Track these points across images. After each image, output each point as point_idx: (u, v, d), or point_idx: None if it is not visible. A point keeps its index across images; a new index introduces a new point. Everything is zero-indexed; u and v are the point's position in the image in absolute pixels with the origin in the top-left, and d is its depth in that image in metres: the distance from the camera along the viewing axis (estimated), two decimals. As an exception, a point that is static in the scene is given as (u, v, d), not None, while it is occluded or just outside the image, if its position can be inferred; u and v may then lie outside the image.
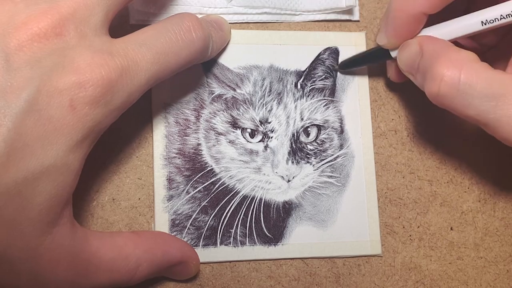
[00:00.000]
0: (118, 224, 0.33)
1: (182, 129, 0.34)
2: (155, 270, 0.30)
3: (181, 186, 0.34)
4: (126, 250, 0.29)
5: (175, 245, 0.31)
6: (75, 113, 0.24)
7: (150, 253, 0.30)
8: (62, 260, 0.26)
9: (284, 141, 0.35)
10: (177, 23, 0.29)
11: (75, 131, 0.24)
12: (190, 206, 0.34)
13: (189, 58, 0.30)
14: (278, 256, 0.34)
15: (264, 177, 0.34)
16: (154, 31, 0.28)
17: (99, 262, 0.28)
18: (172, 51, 0.28)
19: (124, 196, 0.34)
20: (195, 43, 0.29)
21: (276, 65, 0.36)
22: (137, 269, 0.29)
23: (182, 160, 0.34)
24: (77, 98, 0.24)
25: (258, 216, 0.34)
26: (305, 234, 0.34)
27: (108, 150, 0.34)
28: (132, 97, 0.27)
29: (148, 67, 0.27)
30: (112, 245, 0.28)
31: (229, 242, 0.34)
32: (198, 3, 0.35)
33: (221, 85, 0.35)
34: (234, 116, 0.35)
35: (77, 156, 0.25)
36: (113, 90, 0.25)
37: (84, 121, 0.25)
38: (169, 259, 0.31)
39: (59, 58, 0.24)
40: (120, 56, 0.26)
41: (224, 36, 0.34)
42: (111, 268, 0.28)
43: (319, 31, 0.37)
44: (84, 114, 0.25)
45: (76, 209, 0.33)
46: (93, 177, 0.33)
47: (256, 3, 0.35)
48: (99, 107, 0.25)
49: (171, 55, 0.28)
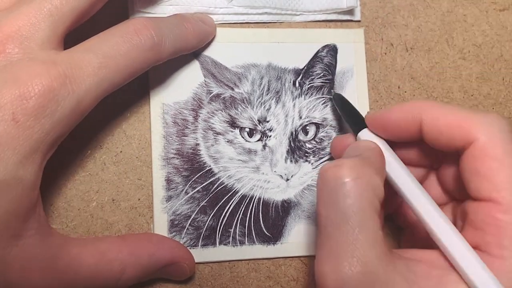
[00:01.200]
0: (118, 225, 0.33)
1: (180, 129, 0.34)
2: (144, 273, 0.30)
3: (180, 186, 0.34)
4: (109, 255, 0.29)
5: (164, 246, 0.31)
6: (19, 126, 0.24)
7: (135, 256, 0.30)
8: (34, 268, 0.26)
9: (283, 139, 0.35)
10: (121, 28, 0.29)
11: (22, 145, 0.24)
12: (189, 206, 0.34)
13: (140, 59, 0.29)
14: (278, 255, 0.34)
15: (263, 176, 0.34)
16: (100, 38, 0.28)
17: (79, 268, 0.28)
18: (120, 53, 0.28)
19: (124, 197, 0.34)
20: (143, 44, 0.29)
21: (274, 63, 0.35)
22: (122, 273, 0.29)
23: (180, 160, 0.34)
24: (19, 111, 0.24)
25: (257, 215, 0.34)
26: (304, 232, 0.35)
27: (107, 150, 0.34)
28: (83, 103, 0.27)
29: (95, 71, 0.27)
30: (93, 251, 0.28)
31: (228, 241, 0.34)
32: (198, 3, 0.35)
33: (219, 85, 0.35)
34: (232, 116, 0.34)
35: (30, 169, 0.25)
36: (56, 98, 0.25)
37: (30, 133, 0.24)
38: (157, 261, 0.31)
39: (2, 75, 0.25)
40: (63, 63, 0.26)
41: (207, 29, 0.34)
42: (93, 273, 0.28)
43: (318, 29, 0.36)
44: (29, 126, 0.24)
45: (75, 210, 0.33)
46: (93, 177, 0.33)
47: (257, 3, 0.35)
48: (45, 118, 0.25)
49: (119, 57, 0.28)
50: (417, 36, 0.38)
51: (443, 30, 0.38)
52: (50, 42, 0.27)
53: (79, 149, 0.33)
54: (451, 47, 0.38)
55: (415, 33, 0.38)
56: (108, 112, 0.28)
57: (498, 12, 0.39)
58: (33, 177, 0.25)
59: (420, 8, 0.38)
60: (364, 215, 0.24)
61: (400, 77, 0.37)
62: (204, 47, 0.35)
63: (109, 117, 0.34)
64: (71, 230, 0.33)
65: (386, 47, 0.38)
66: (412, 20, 0.38)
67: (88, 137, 0.33)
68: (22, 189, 0.25)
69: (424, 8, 0.38)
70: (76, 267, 0.28)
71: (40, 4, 0.26)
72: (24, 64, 0.25)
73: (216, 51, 0.35)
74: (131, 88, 0.30)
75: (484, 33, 0.38)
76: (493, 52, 0.38)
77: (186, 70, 0.34)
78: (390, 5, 0.38)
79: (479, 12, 0.39)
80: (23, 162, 0.24)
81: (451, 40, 0.38)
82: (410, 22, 0.38)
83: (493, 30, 0.38)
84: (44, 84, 0.25)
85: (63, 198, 0.33)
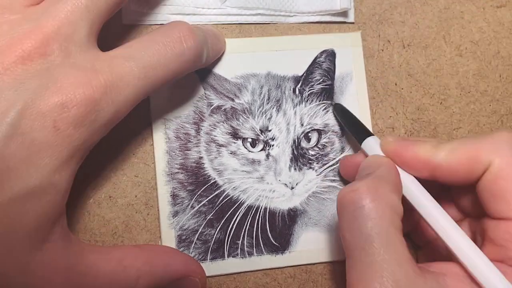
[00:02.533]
0: (115, 221, 0.34)
1: (183, 143, 0.34)
2: (157, 283, 0.30)
3: (186, 201, 0.34)
4: (125, 262, 0.29)
5: (178, 258, 0.31)
6: (59, 134, 0.24)
7: (150, 265, 0.30)
8: (55, 274, 0.26)
9: (286, 148, 0.35)
10: (166, 34, 0.28)
11: (60, 152, 0.25)
12: (195, 220, 0.34)
13: (179, 70, 0.29)
14: (286, 264, 0.34)
15: (268, 186, 0.34)
16: (142, 44, 0.28)
17: (97, 275, 0.28)
18: (160, 63, 0.28)
19: (121, 194, 0.34)
20: (185, 54, 0.29)
21: (274, 71, 0.35)
22: (137, 281, 0.29)
23: (185, 175, 0.34)
24: (60, 119, 0.24)
25: (264, 225, 0.34)
26: (311, 240, 0.35)
27: (105, 147, 0.33)
28: (119, 113, 0.27)
29: (135, 82, 0.27)
30: (110, 258, 0.29)
31: (237, 253, 0.34)
32: (191, 4, 0.34)
33: (219, 96, 0.34)
34: (234, 127, 0.34)
35: (64, 175, 0.25)
36: (97, 108, 0.25)
37: (68, 141, 0.25)
38: (172, 272, 0.31)
39: (43, 79, 0.24)
40: (104, 72, 0.26)
41: (220, 46, 0.34)
42: (110, 280, 0.28)
43: (315, 34, 0.36)
44: (68, 134, 0.25)
45: (72, 207, 0.33)
46: (90, 174, 0.33)
47: (250, 4, 0.35)
48: (84, 127, 0.25)
49: (159, 68, 0.28)
50: (414, 33, 0.38)
51: (440, 27, 0.38)
52: (88, 42, 0.26)
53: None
54: (448, 44, 0.38)
55: (412, 30, 0.38)
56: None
57: (495, 8, 0.39)
58: (66, 183, 0.26)
59: (417, 5, 0.38)
60: (388, 235, 0.25)
61: (397, 74, 0.37)
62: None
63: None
64: (68, 227, 0.33)
65: (383, 44, 0.37)
66: (409, 17, 0.38)
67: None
68: (56, 194, 0.25)
69: (421, 5, 0.38)
70: (94, 274, 0.28)
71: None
72: (65, 70, 0.25)
73: (215, 62, 0.34)
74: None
75: (481, 30, 0.38)
76: (490, 49, 0.38)
77: (186, 83, 0.34)
78: (387, 2, 0.38)
79: (476, 9, 0.38)
80: (59, 169, 0.25)
81: (448, 37, 0.38)
82: (407, 19, 0.38)
83: (490, 27, 0.38)
84: (86, 94, 0.25)
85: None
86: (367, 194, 0.25)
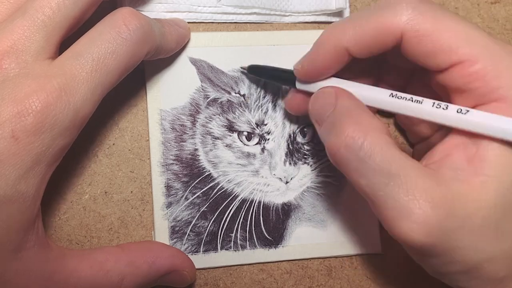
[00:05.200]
0: (110, 217, 0.33)
1: (178, 135, 0.34)
2: (143, 282, 0.30)
3: (180, 192, 0.33)
4: (107, 266, 0.29)
5: (163, 254, 0.31)
6: (19, 143, 0.25)
7: (133, 266, 0.30)
8: (33, 283, 0.26)
9: (281, 142, 0.35)
10: (109, 21, 0.28)
11: (22, 160, 0.25)
12: (189, 212, 0.34)
13: (130, 54, 0.28)
14: (279, 258, 0.34)
15: (262, 180, 0.34)
16: (88, 37, 0.28)
17: (78, 281, 0.28)
18: (109, 51, 0.27)
19: (117, 189, 0.34)
20: (132, 37, 0.28)
21: (271, 66, 0.35)
22: (121, 283, 0.29)
23: (179, 166, 0.34)
24: (18, 128, 0.25)
25: (257, 219, 0.34)
26: (305, 235, 0.35)
27: (100, 143, 0.34)
28: (81, 113, 0.27)
29: (87, 77, 0.27)
30: (91, 262, 0.29)
31: (230, 246, 0.34)
32: (187, 2, 0.34)
33: (216, 89, 0.34)
34: (230, 120, 0.34)
35: (31, 182, 0.25)
36: (54, 113, 0.25)
37: (30, 149, 0.25)
38: (157, 269, 0.31)
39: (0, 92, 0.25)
40: (57, 76, 0.26)
41: (183, 32, 0.33)
42: (92, 285, 0.28)
43: (312, 30, 0.36)
44: (29, 142, 0.25)
45: (68, 203, 0.33)
46: (85, 170, 0.33)
47: (246, 3, 0.35)
48: (44, 133, 0.25)
49: (109, 56, 0.27)
50: (409, 32, 0.38)
51: (436, 26, 0.38)
52: (45, 53, 0.27)
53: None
54: (444, 42, 0.38)
55: (408, 27, 0.38)
56: (101, 104, 0.28)
57: (490, 4, 0.39)
58: (34, 190, 0.26)
59: (413, 2, 0.38)
60: (400, 158, 0.25)
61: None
62: (200, 52, 0.34)
63: (101, 109, 0.33)
64: (63, 223, 0.33)
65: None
66: (405, 15, 0.38)
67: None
68: (23, 202, 0.25)
69: (416, 3, 0.38)
70: (74, 280, 0.28)
71: (33, 16, 0.26)
72: (20, 80, 0.25)
73: (212, 55, 0.34)
74: (125, 82, 0.29)
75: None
76: (486, 47, 0.39)
77: (183, 75, 0.34)
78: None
79: (471, 5, 0.39)
80: (24, 177, 0.25)
81: (444, 36, 0.38)
82: (403, 16, 0.38)
83: (484, 23, 0.39)
84: (41, 100, 0.25)
85: (55, 191, 0.33)
86: (356, 133, 0.26)
